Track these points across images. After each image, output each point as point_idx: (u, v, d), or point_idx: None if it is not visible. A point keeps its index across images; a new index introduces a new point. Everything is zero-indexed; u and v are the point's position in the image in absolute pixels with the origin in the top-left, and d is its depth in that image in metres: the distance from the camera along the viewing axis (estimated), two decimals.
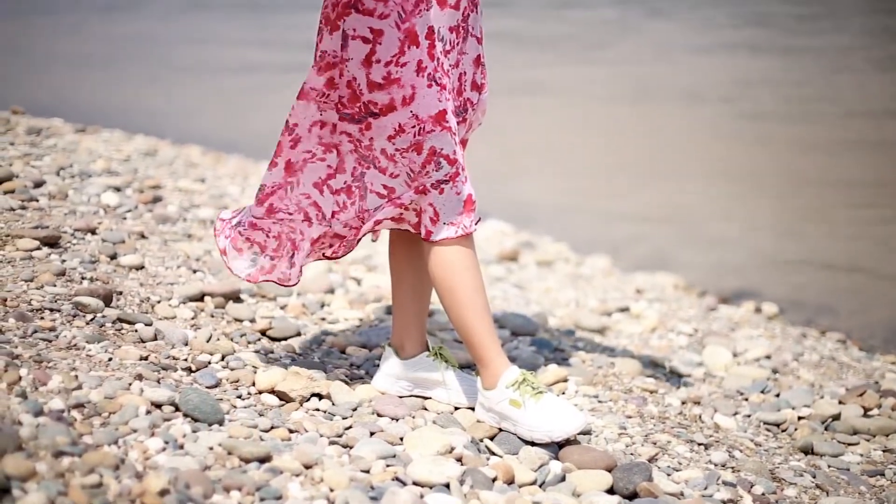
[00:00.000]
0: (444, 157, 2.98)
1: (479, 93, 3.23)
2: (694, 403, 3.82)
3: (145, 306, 3.74)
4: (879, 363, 4.78)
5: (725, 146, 10.20)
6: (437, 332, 4.18)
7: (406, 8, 2.95)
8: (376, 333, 3.97)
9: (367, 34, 2.95)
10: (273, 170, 3.16)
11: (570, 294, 5.44)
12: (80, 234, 4.27)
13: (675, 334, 4.84)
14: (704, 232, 7.49)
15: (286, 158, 3.14)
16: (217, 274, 4.34)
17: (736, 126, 10.92)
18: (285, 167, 3.14)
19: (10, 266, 3.72)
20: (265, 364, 3.43)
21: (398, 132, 2.98)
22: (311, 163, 3.13)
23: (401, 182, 3.04)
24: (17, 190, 4.65)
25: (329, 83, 3.03)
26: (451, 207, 3.00)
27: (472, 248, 3.06)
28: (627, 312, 5.18)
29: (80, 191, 4.99)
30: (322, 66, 3.02)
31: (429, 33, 2.98)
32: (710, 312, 5.42)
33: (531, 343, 4.20)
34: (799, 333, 5.21)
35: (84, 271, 3.83)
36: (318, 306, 4.33)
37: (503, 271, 5.75)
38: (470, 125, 3.26)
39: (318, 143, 3.10)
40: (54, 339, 3.15)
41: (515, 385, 3.06)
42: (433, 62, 2.97)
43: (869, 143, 9.76)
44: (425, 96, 2.96)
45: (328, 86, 3.03)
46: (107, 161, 5.80)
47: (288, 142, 3.12)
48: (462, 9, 3.08)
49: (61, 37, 28.74)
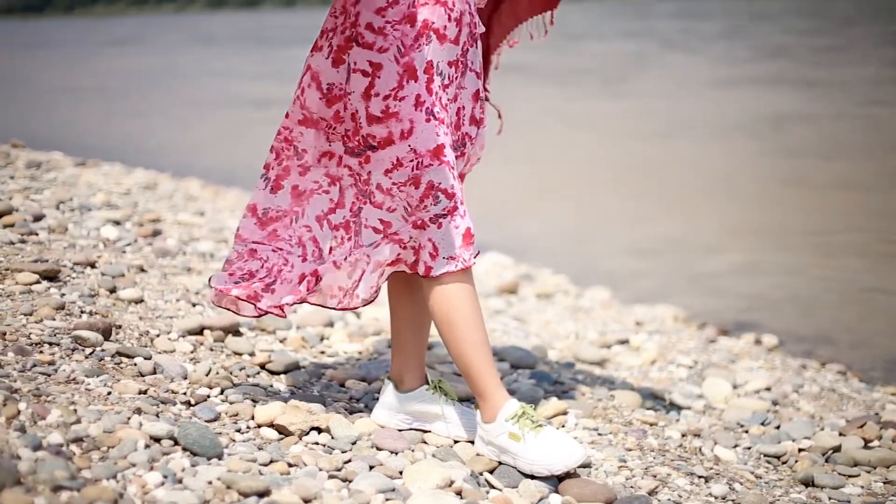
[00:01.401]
0: (442, 192, 2.98)
1: (477, 127, 3.24)
2: (694, 436, 3.81)
3: (144, 340, 3.73)
4: (880, 394, 4.77)
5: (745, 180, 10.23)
6: (436, 365, 4.17)
7: (405, 42, 2.97)
8: (375, 367, 3.96)
9: (366, 67, 2.97)
10: (278, 193, 3.16)
11: (570, 326, 5.44)
12: (80, 268, 4.27)
13: (674, 366, 4.84)
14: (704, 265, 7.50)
15: (293, 184, 3.14)
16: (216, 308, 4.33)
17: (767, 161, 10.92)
18: (293, 193, 3.14)
19: (10, 300, 3.72)
20: (264, 398, 3.42)
21: (396, 166, 2.99)
22: (317, 194, 3.14)
23: (398, 217, 3.04)
24: (16, 223, 4.65)
25: (336, 116, 3.04)
26: (450, 241, 3.01)
27: (471, 282, 3.06)
28: (627, 345, 5.17)
29: (80, 224, 4.99)
30: (330, 99, 3.04)
31: (427, 68, 2.99)
32: (710, 344, 5.42)
33: (530, 376, 4.20)
34: (799, 365, 5.20)
35: (83, 305, 3.83)
36: (317, 339, 4.33)
37: (502, 304, 5.75)
38: (468, 159, 3.27)
39: (325, 174, 3.12)
40: (53, 373, 3.14)
41: (515, 418, 3.05)
42: (431, 96, 2.99)
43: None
44: (423, 130, 2.97)
45: (335, 118, 3.05)
46: (106, 194, 5.81)
47: (297, 166, 3.13)
48: (462, 43, 3.10)
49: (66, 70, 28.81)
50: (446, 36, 3.04)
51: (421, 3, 2.99)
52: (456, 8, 3.05)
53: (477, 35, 3.18)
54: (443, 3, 3.02)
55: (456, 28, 3.06)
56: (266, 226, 3.19)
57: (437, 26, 3.01)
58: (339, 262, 3.12)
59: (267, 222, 3.19)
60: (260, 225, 3.19)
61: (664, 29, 39.84)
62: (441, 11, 3.02)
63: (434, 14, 3.01)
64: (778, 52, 24.48)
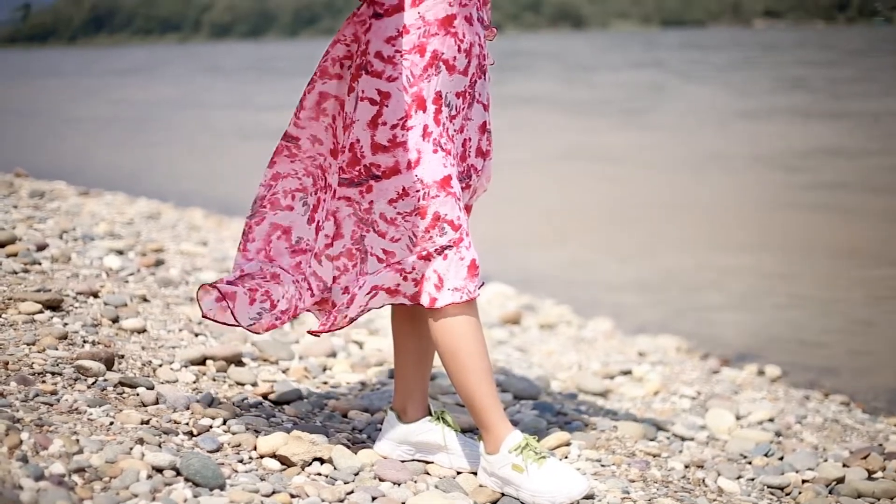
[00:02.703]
0: (447, 223, 2.98)
1: (483, 159, 3.24)
2: (697, 467, 3.80)
3: (147, 370, 3.73)
4: (883, 425, 4.76)
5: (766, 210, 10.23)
6: (439, 395, 4.17)
7: (415, 72, 2.98)
8: (378, 397, 3.96)
9: (374, 96, 2.98)
10: (311, 225, 3.17)
11: (573, 357, 5.43)
12: (83, 298, 4.27)
13: (677, 397, 4.83)
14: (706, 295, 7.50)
15: (318, 218, 3.16)
16: (219, 337, 4.34)
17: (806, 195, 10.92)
18: (317, 228, 3.15)
19: (13, 329, 3.72)
20: (267, 428, 3.42)
21: (401, 196, 2.99)
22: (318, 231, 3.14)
23: (402, 246, 3.04)
24: (20, 253, 4.66)
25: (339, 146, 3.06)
26: (454, 273, 3.00)
27: (475, 313, 3.06)
28: (630, 375, 5.17)
29: (83, 254, 5.00)
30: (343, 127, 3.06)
31: (436, 98, 3.00)
32: (713, 375, 5.41)
33: (533, 407, 4.19)
34: (802, 396, 5.19)
35: (86, 335, 3.83)
36: (320, 370, 4.32)
37: (505, 334, 5.75)
38: (474, 191, 3.27)
39: (324, 208, 3.12)
40: (56, 403, 3.14)
41: (518, 450, 3.05)
42: (439, 127, 2.99)
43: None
44: (430, 161, 2.97)
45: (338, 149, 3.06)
46: (109, 224, 5.82)
47: (323, 199, 3.14)
48: (470, 75, 3.10)
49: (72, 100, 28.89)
50: (455, 67, 3.04)
51: (431, 34, 3.00)
52: (466, 39, 3.06)
53: (485, 67, 3.19)
54: (453, 34, 3.03)
55: (465, 59, 3.07)
56: (296, 255, 3.19)
57: (447, 57, 3.02)
58: (350, 290, 3.11)
59: (298, 252, 3.19)
60: (291, 252, 3.20)
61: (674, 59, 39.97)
62: (451, 42, 3.03)
63: (444, 45, 3.02)
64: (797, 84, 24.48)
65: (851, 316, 6.90)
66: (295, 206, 3.20)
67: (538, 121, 19.14)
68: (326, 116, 3.13)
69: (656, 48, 53.04)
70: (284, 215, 3.21)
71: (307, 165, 3.18)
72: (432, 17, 3.00)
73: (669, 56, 43.25)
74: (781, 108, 19.21)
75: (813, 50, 43.38)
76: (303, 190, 3.20)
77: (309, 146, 3.17)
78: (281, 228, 3.21)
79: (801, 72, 28.67)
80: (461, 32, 3.05)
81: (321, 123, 3.14)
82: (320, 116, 3.13)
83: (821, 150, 13.80)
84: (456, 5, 3.03)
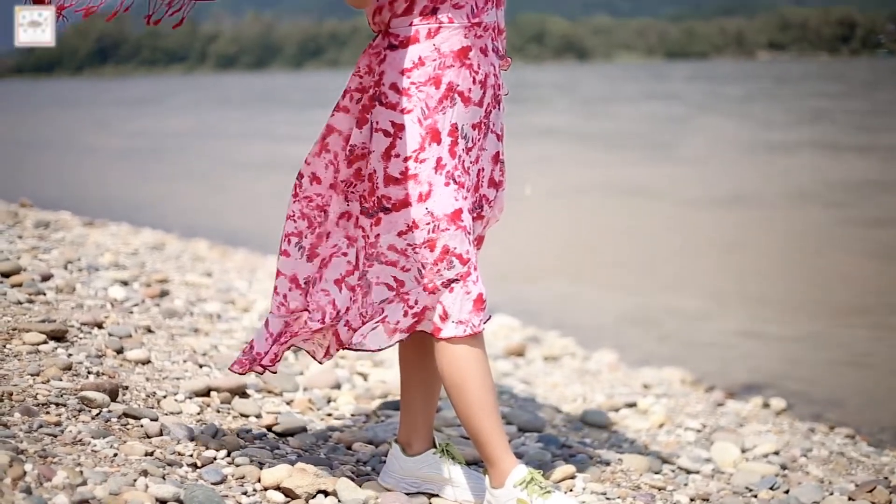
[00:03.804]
0: (456, 257, 2.98)
1: (496, 190, 3.24)
2: (703, 500, 3.79)
3: (151, 401, 3.72)
4: (889, 458, 4.74)
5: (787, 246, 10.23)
6: (443, 428, 4.15)
7: (429, 104, 2.98)
8: (383, 429, 3.94)
9: (388, 128, 2.98)
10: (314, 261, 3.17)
11: (577, 389, 5.42)
12: (87, 329, 4.27)
13: (682, 430, 4.81)
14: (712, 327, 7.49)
15: (320, 251, 3.16)
16: (223, 368, 4.33)
17: (849, 230, 10.91)
18: (321, 261, 3.15)
19: (17, 360, 3.71)
20: (271, 460, 3.41)
21: (411, 228, 2.99)
22: (336, 257, 3.14)
23: (411, 277, 3.03)
24: (24, 283, 4.66)
25: (357, 174, 3.06)
26: (460, 306, 3.00)
27: (481, 347, 3.05)
28: (635, 408, 5.15)
29: (88, 284, 5.00)
30: (352, 159, 3.06)
31: (452, 130, 2.99)
32: (718, 408, 5.39)
33: (538, 439, 4.18)
34: (807, 429, 5.17)
35: (90, 366, 3.83)
36: (324, 402, 4.31)
37: (510, 366, 5.74)
38: (486, 222, 3.26)
39: (344, 235, 3.13)
40: (60, 434, 3.13)
41: (523, 484, 3.03)
42: (454, 160, 2.99)
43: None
44: (442, 194, 2.97)
45: (356, 176, 3.06)
46: (114, 255, 5.82)
47: (325, 233, 3.14)
48: (485, 105, 3.10)
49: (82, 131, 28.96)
50: (471, 99, 3.04)
51: (447, 66, 3.00)
52: (481, 70, 3.07)
53: (500, 97, 3.18)
54: (468, 65, 3.03)
55: (480, 90, 3.07)
56: (307, 294, 3.19)
57: (462, 89, 3.02)
58: (352, 324, 3.11)
59: (308, 290, 3.19)
60: (304, 295, 3.20)
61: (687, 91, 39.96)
62: (466, 74, 3.03)
63: (459, 76, 3.02)
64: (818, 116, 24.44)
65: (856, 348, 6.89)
66: (291, 252, 3.20)
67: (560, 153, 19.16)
68: (328, 152, 3.13)
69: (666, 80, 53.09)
70: (285, 262, 3.21)
71: (303, 206, 3.17)
72: (448, 48, 3.00)
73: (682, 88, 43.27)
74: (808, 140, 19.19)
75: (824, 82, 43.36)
76: (297, 234, 3.19)
77: (308, 185, 3.16)
78: (288, 278, 3.21)
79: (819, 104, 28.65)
80: (476, 64, 3.05)
81: (322, 160, 3.13)
82: (322, 152, 3.13)
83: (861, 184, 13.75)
84: (471, 37, 3.03)
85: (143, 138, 25.45)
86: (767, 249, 10.19)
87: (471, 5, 3.02)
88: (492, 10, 3.08)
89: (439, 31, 2.99)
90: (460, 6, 3.00)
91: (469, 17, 3.02)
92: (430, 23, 2.99)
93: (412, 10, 2.99)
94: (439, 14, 2.99)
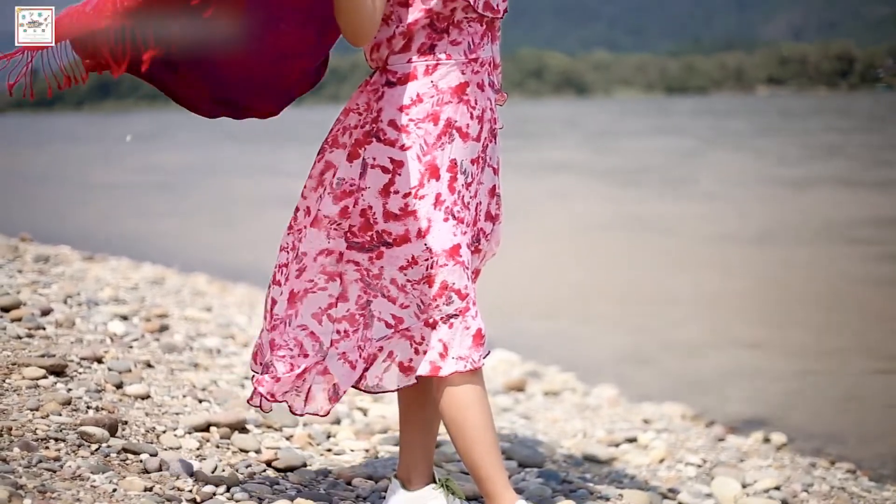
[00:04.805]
0: (455, 292, 2.98)
1: (493, 223, 3.24)
2: None
3: (150, 436, 3.72)
4: (890, 493, 4.72)
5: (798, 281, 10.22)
6: (443, 463, 4.14)
7: (428, 141, 2.99)
8: (383, 465, 3.94)
9: (387, 164, 2.98)
10: (279, 298, 3.15)
11: (578, 424, 5.41)
12: (87, 363, 4.27)
13: (683, 465, 4.80)
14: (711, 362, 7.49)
15: (290, 288, 3.14)
16: (223, 403, 4.33)
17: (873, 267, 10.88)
18: (289, 298, 3.14)
19: (16, 394, 3.71)
20: (270, 496, 3.40)
21: (411, 263, 2.99)
22: (311, 293, 3.12)
23: (410, 313, 3.04)
24: (24, 317, 4.66)
25: (343, 212, 3.05)
26: (459, 342, 2.99)
27: (480, 383, 3.04)
28: (635, 443, 5.14)
29: (88, 319, 5.00)
30: (338, 195, 3.05)
31: (451, 166, 3.00)
32: (719, 443, 5.38)
33: (538, 474, 4.16)
34: (808, 463, 5.16)
35: (90, 400, 3.82)
36: (324, 437, 4.30)
37: (510, 401, 5.73)
38: (484, 255, 3.27)
39: (321, 271, 3.11)
40: (59, 469, 3.12)
41: None
42: (453, 195, 2.99)
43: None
44: (441, 230, 2.97)
45: (342, 214, 3.05)
46: (114, 289, 5.83)
47: (295, 271, 3.12)
48: (482, 140, 3.11)
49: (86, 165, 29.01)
50: (469, 134, 3.05)
51: (445, 102, 3.01)
52: (478, 105, 3.08)
53: (496, 131, 3.19)
54: (466, 101, 3.04)
55: (478, 125, 3.08)
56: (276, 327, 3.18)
57: (460, 125, 3.03)
58: (348, 356, 3.10)
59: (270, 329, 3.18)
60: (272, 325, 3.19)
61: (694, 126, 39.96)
62: (464, 109, 3.04)
63: (457, 112, 3.03)
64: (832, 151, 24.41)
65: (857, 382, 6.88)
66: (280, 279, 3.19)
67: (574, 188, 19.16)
68: (323, 187, 3.12)
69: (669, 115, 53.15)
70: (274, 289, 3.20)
71: (295, 239, 3.16)
72: (445, 85, 3.02)
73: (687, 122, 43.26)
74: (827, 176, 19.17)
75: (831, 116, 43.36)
76: (286, 265, 3.18)
77: (302, 218, 3.15)
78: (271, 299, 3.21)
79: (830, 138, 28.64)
80: (474, 99, 3.07)
81: (317, 194, 3.13)
82: (318, 187, 3.13)
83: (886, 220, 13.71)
84: (469, 73, 3.05)
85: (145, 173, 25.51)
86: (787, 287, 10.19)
87: (467, 42, 3.04)
88: (487, 45, 3.10)
89: (437, 67, 3.01)
90: (457, 42, 3.02)
91: (466, 53, 3.03)
92: (427, 60, 3.01)
93: (410, 48, 3.01)
94: (437, 51, 3.01)
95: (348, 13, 2.90)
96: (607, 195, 17.96)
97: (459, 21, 3.02)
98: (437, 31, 3.01)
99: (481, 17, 3.05)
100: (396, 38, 3.01)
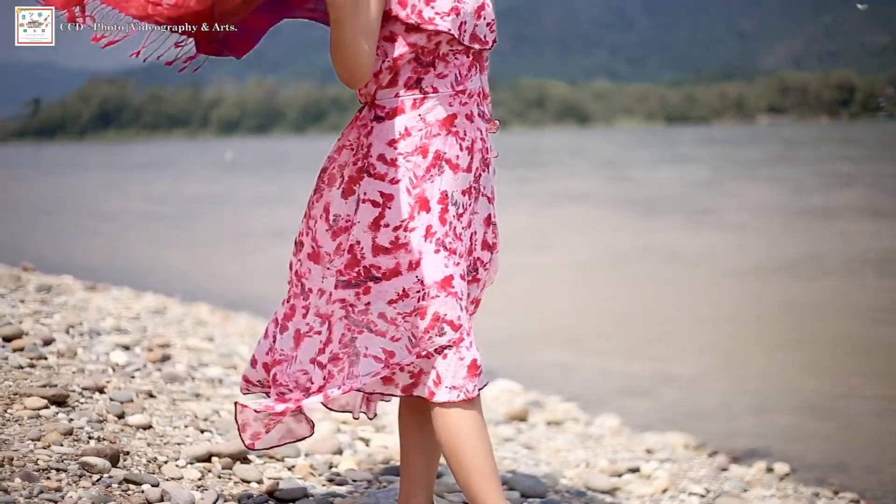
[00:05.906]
0: (448, 323, 2.97)
1: (490, 252, 3.24)
2: None
3: (152, 466, 3.71)
4: None
5: None
6: (445, 494, 4.13)
7: (417, 173, 2.99)
8: (384, 495, 3.92)
9: (377, 198, 2.99)
10: (284, 334, 3.16)
11: (580, 454, 5.40)
12: (89, 393, 4.27)
13: (686, 495, 4.79)
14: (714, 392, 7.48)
15: (296, 327, 3.15)
16: (225, 434, 4.32)
17: None
18: (294, 336, 3.15)
19: (18, 425, 3.70)
20: None
21: (401, 297, 2.98)
22: (308, 337, 3.13)
23: (401, 346, 3.02)
24: (26, 347, 4.66)
25: (338, 248, 3.06)
26: (454, 372, 2.98)
27: (478, 411, 3.03)
28: (638, 473, 5.12)
29: (89, 349, 5.00)
30: (336, 231, 3.06)
31: (441, 198, 3.01)
32: (722, 472, 5.37)
33: None
34: (811, 493, 5.14)
35: (91, 431, 3.82)
36: (326, 467, 4.29)
37: (512, 431, 5.72)
38: (482, 284, 3.26)
39: (316, 313, 3.12)
40: (60, 500, 3.12)
41: None
42: (444, 227, 3.00)
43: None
44: (431, 262, 2.97)
45: (336, 251, 3.06)
46: (116, 319, 5.82)
47: (301, 307, 3.13)
48: (474, 170, 3.11)
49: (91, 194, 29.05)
50: (459, 165, 3.06)
51: (433, 135, 3.02)
52: (468, 137, 3.08)
53: (489, 160, 3.20)
54: (454, 133, 3.05)
55: (468, 156, 3.08)
56: (268, 369, 3.19)
57: (450, 156, 3.04)
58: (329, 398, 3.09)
59: (271, 364, 3.19)
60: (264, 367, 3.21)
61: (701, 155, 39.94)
62: (453, 141, 3.05)
63: (446, 144, 3.04)
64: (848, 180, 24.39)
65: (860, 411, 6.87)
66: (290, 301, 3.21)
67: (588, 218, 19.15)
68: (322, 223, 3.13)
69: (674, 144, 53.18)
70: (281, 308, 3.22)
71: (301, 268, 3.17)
72: (433, 118, 3.02)
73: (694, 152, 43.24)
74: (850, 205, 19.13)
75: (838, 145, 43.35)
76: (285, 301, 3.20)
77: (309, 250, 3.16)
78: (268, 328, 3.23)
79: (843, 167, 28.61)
80: (463, 130, 3.07)
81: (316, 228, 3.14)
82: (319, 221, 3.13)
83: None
84: (456, 104, 3.06)
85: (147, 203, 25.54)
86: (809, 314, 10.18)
87: (454, 74, 3.04)
88: (475, 76, 3.11)
89: (424, 100, 3.02)
90: (444, 75, 3.03)
91: (453, 85, 3.04)
92: (414, 93, 3.02)
93: (397, 82, 3.02)
94: (423, 84, 3.02)
95: (345, 57, 2.90)
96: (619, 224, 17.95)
97: (445, 54, 3.03)
98: (422, 65, 3.02)
99: (468, 50, 3.06)
100: (383, 72, 3.02)
